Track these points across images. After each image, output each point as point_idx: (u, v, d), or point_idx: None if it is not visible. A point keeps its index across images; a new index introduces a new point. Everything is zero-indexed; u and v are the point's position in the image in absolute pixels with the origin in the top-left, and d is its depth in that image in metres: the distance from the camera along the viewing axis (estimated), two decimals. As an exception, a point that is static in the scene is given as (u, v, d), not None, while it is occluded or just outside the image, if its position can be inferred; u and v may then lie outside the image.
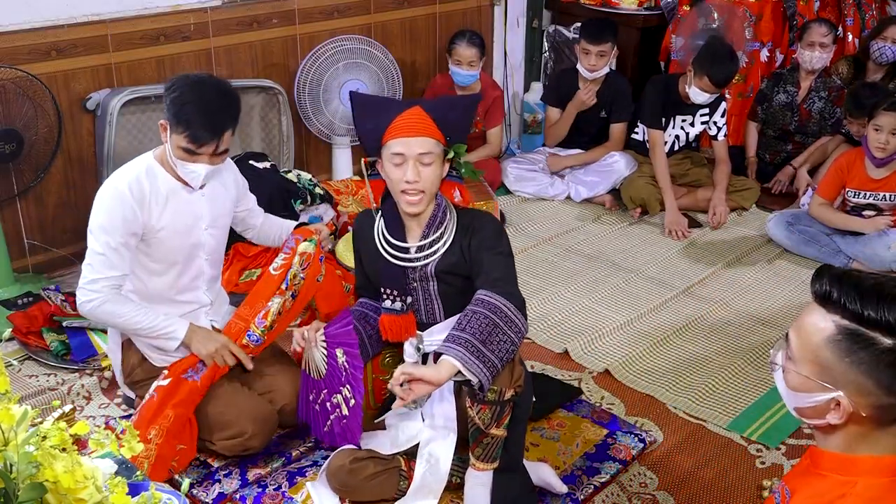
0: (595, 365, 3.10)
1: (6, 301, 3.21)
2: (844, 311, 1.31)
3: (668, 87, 4.33)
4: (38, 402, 2.72)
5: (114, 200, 2.33)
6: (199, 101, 2.28)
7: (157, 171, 2.41)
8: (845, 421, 1.34)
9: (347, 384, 2.33)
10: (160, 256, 2.44)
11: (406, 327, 2.32)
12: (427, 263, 2.26)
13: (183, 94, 2.28)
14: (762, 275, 3.82)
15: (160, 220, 2.39)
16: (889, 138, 3.65)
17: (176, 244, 2.44)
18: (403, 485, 2.33)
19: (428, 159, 2.18)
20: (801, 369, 1.37)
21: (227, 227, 2.64)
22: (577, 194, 4.51)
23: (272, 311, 2.49)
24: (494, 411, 2.10)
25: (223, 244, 2.63)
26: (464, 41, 4.24)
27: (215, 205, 2.52)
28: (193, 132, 2.28)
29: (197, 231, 2.48)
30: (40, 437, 1.22)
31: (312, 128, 4.22)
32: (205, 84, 2.33)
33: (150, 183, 2.38)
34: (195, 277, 2.54)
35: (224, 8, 3.85)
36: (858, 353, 1.29)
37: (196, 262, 2.52)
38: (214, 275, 2.62)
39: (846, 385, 1.32)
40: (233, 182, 2.61)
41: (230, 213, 2.62)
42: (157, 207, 2.38)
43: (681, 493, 2.49)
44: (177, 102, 2.28)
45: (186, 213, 2.44)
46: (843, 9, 5.07)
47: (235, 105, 2.37)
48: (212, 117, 2.30)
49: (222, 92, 2.34)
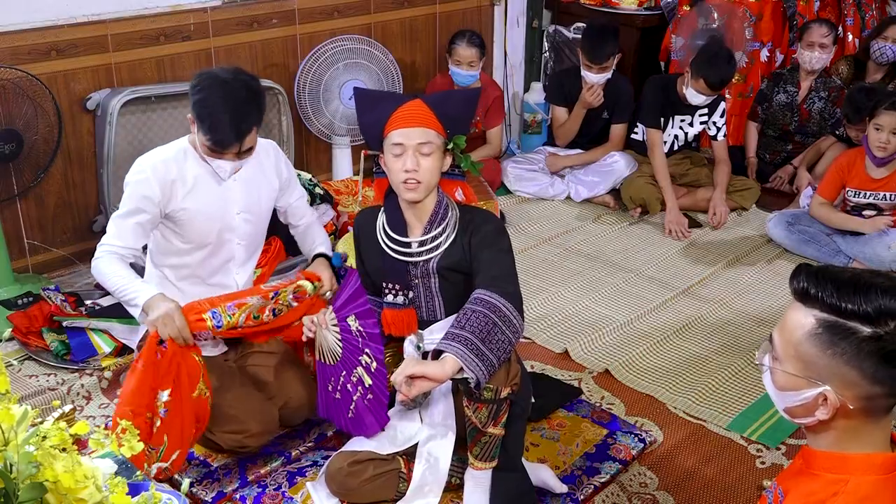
0: (595, 365, 3.10)
1: (6, 301, 3.21)
2: (823, 305, 1.32)
3: (667, 87, 4.33)
4: (38, 402, 2.72)
5: (136, 178, 2.41)
6: (223, 105, 2.29)
7: (189, 155, 2.46)
8: (834, 416, 1.35)
9: (366, 349, 2.30)
10: (189, 237, 2.49)
11: (408, 322, 2.33)
12: (429, 259, 2.27)
13: (208, 96, 2.30)
14: (762, 275, 3.82)
15: (184, 202, 2.43)
16: (890, 137, 3.65)
17: (204, 227, 2.48)
18: (403, 487, 2.32)
19: (427, 149, 2.19)
20: (786, 367, 1.38)
21: (266, 214, 2.66)
22: (577, 194, 4.51)
23: (248, 304, 2.43)
24: (491, 410, 2.10)
25: (261, 231, 2.66)
26: (464, 41, 4.24)
27: (250, 191, 2.54)
28: (216, 137, 2.33)
29: (228, 216, 2.51)
30: (40, 437, 1.22)
31: (312, 128, 4.22)
32: (229, 86, 2.31)
33: (179, 166, 2.43)
34: (227, 260, 2.58)
35: (224, 8, 3.85)
36: (840, 344, 1.30)
37: (228, 246, 2.56)
38: (249, 260, 2.65)
39: (831, 378, 1.32)
40: (274, 171, 2.62)
41: (269, 200, 2.64)
42: (181, 190, 2.42)
43: (681, 493, 2.49)
44: (201, 105, 2.31)
45: (215, 198, 2.48)
46: (843, 9, 5.07)
47: (260, 105, 2.39)
48: (235, 123, 2.32)
49: (246, 95, 2.34)
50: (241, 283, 2.63)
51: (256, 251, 2.69)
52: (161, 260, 2.57)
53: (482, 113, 4.44)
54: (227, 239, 2.55)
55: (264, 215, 2.65)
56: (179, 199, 2.43)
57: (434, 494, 2.27)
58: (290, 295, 2.52)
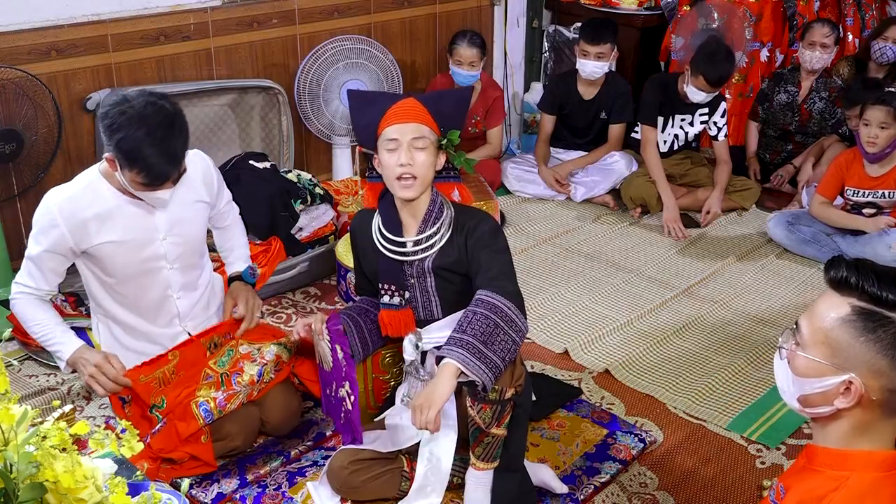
0: (595, 365, 3.10)
1: (6, 301, 3.21)
2: (862, 293, 1.34)
3: (667, 87, 4.33)
4: (38, 402, 2.73)
5: (42, 219, 2.31)
6: (150, 140, 2.13)
7: (99, 188, 2.32)
8: (853, 406, 1.35)
9: (347, 381, 2.34)
10: (112, 271, 2.38)
11: (405, 322, 2.33)
12: (424, 258, 2.27)
13: (129, 134, 2.12)
14: (762, 275, 3.82)
15: (99, 236, 2.31)
16: (878, 132, 3.65)
17: (126, 259, 2.36)
18: (405, 485, 2.33)
19: (421, 144, 2.19)
20: (812, 353, 1.39)
21: (198, 231, 2.50)
22: (577, 194, 4.51)
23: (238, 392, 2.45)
24: (495, 410, 2.11)
25: (197, 246, 2.51)
26: (464, 41, 4.24)
27: (175, 211, 2.39)
28: (152, 174, 2.17)
29: (154, 244, 2.39)
30: (40, 437, 1.22)
31: (312, 128, 4.22)
32: (148, 118, 2.14)
33: (89, 202, 2.29)
34: (165, 288, 2.46)
35: (224, 8, 3.85)
36: (876, 331, 1.32)
37: (161, 274, 2.44)
38: (188, 281, 2.51)
39: (859, 366, 1.34)
40: (202, 182, 2.47)
41: (201, 215, 2.49)
42: (94, 225, 2.30)
43: (681, 493, 2.49)
44: (123, 144, 2.13)
45: (137, 228, 2.35)
46: (843, 9, 5.07)
47: (183, 126, 2.22)
48: (167, 155, 2.17)
49: (168, 122, 2.17)
50: (183, 308, 2.51)
51: (195, 270, 2.54)
52: (97, 298, 2.46)
53: (483, 113, 4.44)
54: (157, 267, 2.41)
55: (196, 233, 2.49)
56: (94, 236, 2.30)
57: (436, 495, 2.27)
58: (273, 369, 2.52)
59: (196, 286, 2.56)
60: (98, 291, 2.45)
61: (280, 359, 2.53)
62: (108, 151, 2.20)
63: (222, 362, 2.50)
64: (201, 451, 2.38)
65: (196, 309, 2.56)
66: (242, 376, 2.46)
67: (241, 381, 2.45)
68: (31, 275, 2.37)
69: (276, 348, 2.53)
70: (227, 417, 2.43)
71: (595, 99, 4.49)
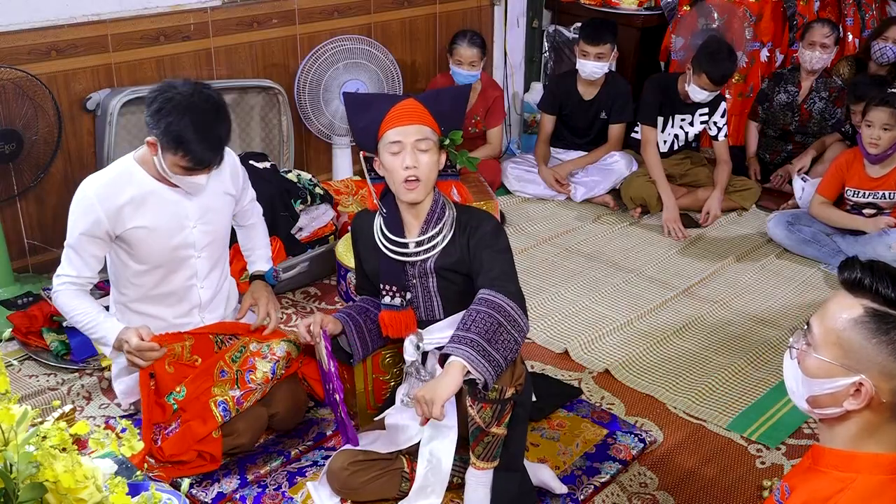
0: (595, 365, 3.10)
1: (6, 301, 3.21)
2: (876, 295, 1.34)
3: (667, 86, 4.33)
4: (38, 402, 2.72)
5: (80, 205, 2.38)
6: (196, 125, 2.24)
7: (134, 173, 2.40)
8: (862, 408, 1.35)
9: (336, 392, 2.38)
10: (142, 257, 2.44)
11: (406, 323, 2.33)
12: (426, 259, 2.27)
13: (176, 119, 2.23)
14: (762, 275, 3.82)
15: (134, 221, 2.38)
16: (881, 133, 3.65)
17: (159, 244, 2.43)
18: (405, 486, 2.33)
19: (424, 145, 2.19)
20: (823, 354, 1.38)
21: (225, 223, 2.60)
22: (577, 194, 4.51)
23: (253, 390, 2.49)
24: (495, 410, 2.10)
25: (223, 237, 2.60)
26: (465, 41, 4.24)
27: (205, 201, 2.48)
28: (196, 157, 2.28)
29: (184, 231, 2.46)
30: (40, 437, 1.22)
31: (312, 128, 4.22)
32: (195, 105, 2.25)
33: (124, 187, 2.37)
34: (189, 277, 2.52)
35: (224, 8, 3.85)
36: (888, 333, 1.32)
37: (189, 262, 2.50)
38: (214, 270, 2.59)
39: (870, 368, 1.33)
40: (229, 176, 2.56)
41: (228, 207, 2.58)
42: (129, 209, 2.37)
43: (681, 493, 2.49)
44: (171, 128, 2.23)
45: (169, 214, 2.42)
46: (843, 9, 5.07)
47: (227, 115, 2.34)
48: (212, 140, 2.29)
49: (214, 109, 2.29)
50: (205, 298, 2.57)
51: (220, 262, 2.62)
52: (120, 285, 2.51)
53: (483, 113, 4.44)
54: (186, 255, 2.48)
55: (223, 223, 2.58)
56: (129, 220, 2.37)
57: (437, 495, 2.27)
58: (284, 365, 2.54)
59: (219, 277, 2.63)
60: (123, 279, 2.50)
61: (290, 355, 2.56)
62: (152, 136, 2.29)
63: (235, 357, 2.53)
64: (211, 447, 2.39)
65: (216, 301, 2.62)
66: (255, 373, 2.49)
67: (255, 378, 2.48)
68: (71, 263, 2.41)
69: (286, 345, 2.55)
70: (237, 414, 2.45)
71: (595, 99, 4.49)
